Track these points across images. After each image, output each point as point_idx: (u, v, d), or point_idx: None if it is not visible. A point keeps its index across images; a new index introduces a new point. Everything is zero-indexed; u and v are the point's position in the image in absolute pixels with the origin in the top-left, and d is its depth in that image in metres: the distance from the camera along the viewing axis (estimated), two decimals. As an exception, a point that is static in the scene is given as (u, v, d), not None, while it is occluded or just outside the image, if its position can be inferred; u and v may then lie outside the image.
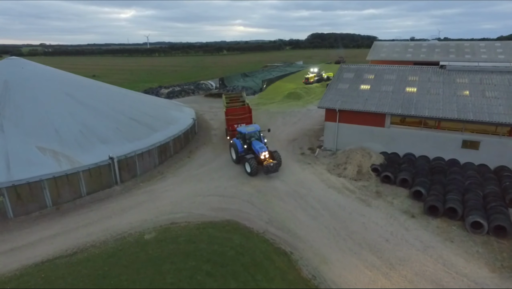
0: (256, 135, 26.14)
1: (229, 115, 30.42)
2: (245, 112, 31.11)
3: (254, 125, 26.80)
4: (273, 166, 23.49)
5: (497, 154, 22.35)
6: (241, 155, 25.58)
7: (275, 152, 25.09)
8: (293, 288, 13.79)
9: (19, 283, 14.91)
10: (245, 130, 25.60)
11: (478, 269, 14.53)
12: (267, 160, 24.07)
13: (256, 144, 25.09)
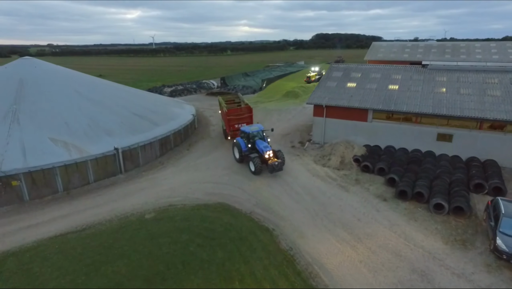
0: (260, 135, 26.21)
1: (231, 116, 30.28)
2: (246, 112, 31.05)
3: (258, 125, 26.95)
4: (278, 164, 23.78)
5: (468, 146, 24.34)
6: (245, 154, 25.80)
7: (278, 151, 25.36)
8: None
9: (36, 252, 17.29)
10: (249, 130, 25.75)
11: (433, 242, 16.60)
12: (272, 159, 24.27)
13: (260, 143, 25.24)
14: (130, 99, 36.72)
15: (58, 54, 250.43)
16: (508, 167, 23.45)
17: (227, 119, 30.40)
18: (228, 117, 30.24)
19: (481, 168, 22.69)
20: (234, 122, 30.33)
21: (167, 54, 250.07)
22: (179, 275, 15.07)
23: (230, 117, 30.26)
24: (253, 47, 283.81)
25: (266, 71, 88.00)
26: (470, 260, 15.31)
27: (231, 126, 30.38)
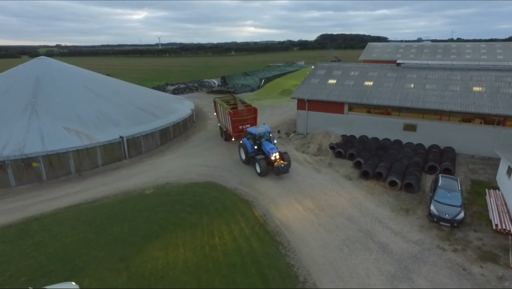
0: (266, 136, 26.10)
1: (236, 117, 29.79)
2: (251, 113, 30.72)
3: (264, 126, 26.70)
4: (284, 166, 23.70)
5: (430, 135, 27.54)
6: (251, 155, 25.76)
7: (285, 153, 25.16)
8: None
9: (55, 217, 20.96)
10: (256, 131, 25.57)
11: (382, 211, 19.91)
12: (278, 161, 24.22)
13: (266, 145, 25.19)
14: (135, 95, 40.48)
15: (66, 54, 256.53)
16: (463, 153, 26.61)
17: (232, 120, 29.65)
18: (233, 119, 29.60)
19: (439, 154, 25.88)
20: (239, 124, 30.01)
21: (172, 54, 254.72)
22: (171, 233, 18.59)
23: (235, 118, 29.67)
24: (257, 48, 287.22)
25: (265, 70, 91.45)
26: (408, 223, 18.61)
27: (235, 127, 30.06)
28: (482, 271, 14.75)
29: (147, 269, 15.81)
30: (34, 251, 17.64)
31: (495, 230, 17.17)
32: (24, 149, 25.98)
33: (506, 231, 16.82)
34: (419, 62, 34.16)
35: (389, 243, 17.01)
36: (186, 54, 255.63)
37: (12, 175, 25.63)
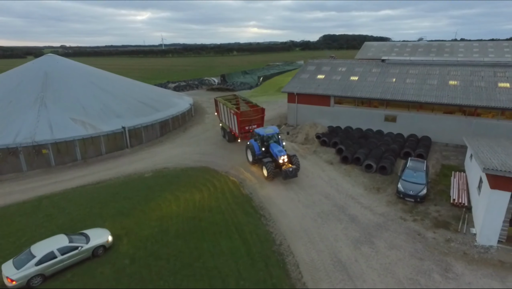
0: (275, 138, 25.00)
1: (243, 117, 28.74)
2: (258, 114, 29.70)
3: (273, 127, 25.76)
4: (292, 170, 22.55)
5: (409, 125, 29.66)
6: (258, 157, 24.97)
7: (293, 156, 23.89)
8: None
9: (63, 196, 23.35)
10: (264, 133, 24.46)
11: (357, 189, 22.12)
12: (286, 164, 23.16)
13: (274, 147, 24.08)
14: (136, 90, 42.94)
15: (71, 55, 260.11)
16: (439, 142, 28.72)
17: (239, 121, 28.63)
18: (240, 119, 28.59)
19: (415, 142, 28.01)
20: (246, 124, 29.10)
21: (175, 55, 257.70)
22: (167, 208, 20.91)
23: (242, 119, 28.68)
24: (259, 48, 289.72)
25: (264, 69, 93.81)
26: (377, 199, 20.81)
27: (242, 128, 29.14)
28: (434, 235, 16.93)
29: (144, 235, 18.16)
30: (46, 222, 20.06)
31: (452, 204, 19.33)
32: (34, 136, 28.45)
33: (461, 204, 18.97)
34: (402, 58, 36.25)
35: (358, 215, 19.21)
36: (189, 54, 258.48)
37: (24, 160, 28.08)
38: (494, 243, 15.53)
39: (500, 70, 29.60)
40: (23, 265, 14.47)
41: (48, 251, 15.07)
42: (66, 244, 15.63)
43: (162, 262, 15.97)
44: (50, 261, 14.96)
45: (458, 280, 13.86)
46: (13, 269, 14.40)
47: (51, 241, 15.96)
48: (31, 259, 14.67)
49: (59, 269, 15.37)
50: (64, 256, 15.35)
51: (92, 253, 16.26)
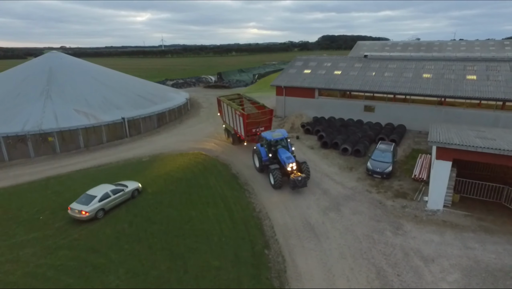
0: (284, 143, 23.14)
1: (250, 119, 27.22)
2: (266, 115, 28.20)
3: (281, 131, 23.98)
4: (301, 180, 20.42)
5: (386, 115, 32.18)
6: (265, 163, 22.94)
7: (303, 163, 21.94)
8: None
9: (68, 177, 25.88)
10: (271, 137, 22.55)
11: (332, 169, 24.64)
12: (295, 173, 21.07)
13: (282, 153, 22.09)
14: (135, 85, 45.53)
15: (71, 56, 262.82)
16: (413, 130, 31.24)
17: (245, 123, 27.06)
18: (247, 121, 27.02)
19: (391, 130, 30.53)
20: (252, 127, 27.59)
21: (175, 55, 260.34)
22: (161, 186, 23.42)
23: (249, 121, 27.12)
24: (257, 48, 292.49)
25: (260, 68, 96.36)
26: (349, 177, 23.35)
27: (248, 131, 27.55)
28: (393, 203, 19.47)
29: (141, 205, 20.71)
30: (53, 196, 22.60)
31: (413, 179, 21.87)
32: (41, 125, 30.99)
33: (421, 179, 21.50)
34: (383, 54, 38.79)
35: (330, 189, 21.72)
36: (188, 55, 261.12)
37: (32, 147, 30.61)
38: (440, 207, 18.05)
39: (470, 64, 32.14)
40: (89, 203, 19.07)
41: (104, 192, 19.95)
42: (115, 188, 20.69)
43: (156, 225, 18.50)
44: (107, 199, 19.81)
45: (405, 236, 16.38)
46: (83, 205, 18.96)
47: (101, 187, 20.66)
48: (93, 198, 19.37)
49: (112, 206, 20.23)
50: (115, 195, 20.40)
51: (131, 194, 21.46)
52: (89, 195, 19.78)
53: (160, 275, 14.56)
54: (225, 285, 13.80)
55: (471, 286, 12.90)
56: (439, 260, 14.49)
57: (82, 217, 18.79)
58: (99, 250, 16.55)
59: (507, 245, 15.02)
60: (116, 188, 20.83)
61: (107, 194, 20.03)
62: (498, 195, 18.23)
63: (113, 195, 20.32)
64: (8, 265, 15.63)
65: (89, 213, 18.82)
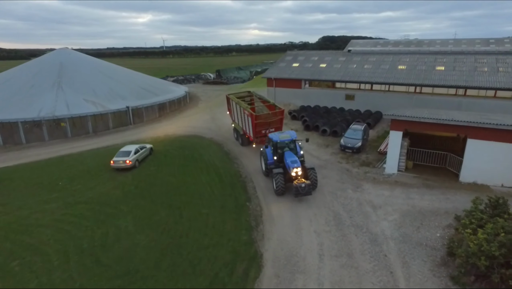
0: (291, 145, 21.52)
1: (260, 120, 25.99)
2: (277, 116, 26.91)
3: (290, 132, 22.33)
4: (304, 187, 18.46)
5: (365, 103, 35.65)
6: (270, 167, 21.30)
7: (311, 169, 20.06)
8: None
9: (79, 155, 29.50)
10: (277, 138, 21.11)
11: (311, 146, 28.08)
12: (299, 179, 19.15)
13: (288, 156, 20.46)
14: (138, 78, 49.25)
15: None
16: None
17: (254, 124, 25.75)
18: (256, 122, 25.71)
19: (368, 115, 33.99)
20: (262, 128, 26.13)
21: (176, 56, 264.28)
22: (161, 160, 26.98)
23: (258, 121, 25.80)
24: (258, 49, 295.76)
25: (258, 66, 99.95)
26: (325, 151, 26.85)
27: (257, 132, 26.13)
28: (358, 170, 22.95)
29: (145, 173, 24.27)
30: (68, 169, 26.20)
31: (378, 152, 25.35)
32: (54, 112, 34.65)
33: (385, 152, 24.95)
34: (365, 49, 42.30)
35: (307, 161, 25.20)
36: (189, 55, 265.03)
37: (46, 131, 34.26)
38: (395, 171, 21.52)
39: (440, 57, 35.60)
40: (127, 155, 25.13)
41: (135, 148, 26.08)
42: (138, 146, 26.74)
43: (157, 187, 22.06)
44: (138, 153, 26.00)
45: (362, 192, 19.86)
46: (125, 157, 24.94)
47: (129, 146, 26.77)
48: (130, 152, 25.32)
49: (141, 159, 26.39)
50: (141, 150, 26.60)
51: (149, 152, 27.79)
52: (125, 151, 25.70)
53: (160, 219, 18.11)
54: (212, 224, 17.33)
55: (404, 223, 16.37)
56: (385, 207, 17.97)
57: (126, 165, 24.71)
58: (111, 204, 20.13)
59: (440, 195, 18.49)
60: (140, 146, 27.04)
61: (137, 149, 26.18)
62: (443, 161, 21.67)
63: (140, 150, 26.50)
64: (38, 214, 19.23)
65: (131, 162, 24.85)
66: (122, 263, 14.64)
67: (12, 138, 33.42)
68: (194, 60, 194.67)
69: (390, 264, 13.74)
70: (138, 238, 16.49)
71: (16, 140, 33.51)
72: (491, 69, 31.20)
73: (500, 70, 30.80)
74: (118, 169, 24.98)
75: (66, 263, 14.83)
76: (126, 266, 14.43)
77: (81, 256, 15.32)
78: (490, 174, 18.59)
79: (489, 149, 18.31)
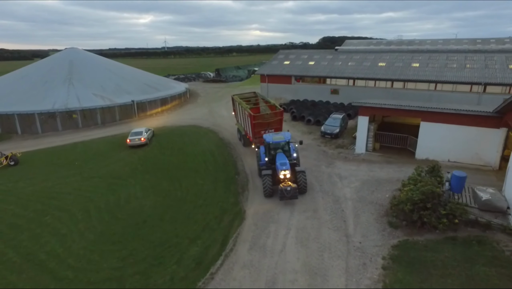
0: (285, 147, 21.27)
1: (258, 120, 25.38)
2: (276, 116, 26.32)
3: (284, 133, 21.92)
4: (290, 190, 18.16)
5: (348, 96, 39.18)
6: (262, 168, 21.05)
7: (301, 172, 19.64)
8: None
9: (91, 142, 33.23)
10: (270, 139, 20.90)
11: (296, 133, 31.70)
12: (286, 182, 18.87)
13: (279, 158, 20.35)
14: (142, 75, 53.05)
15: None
16: (369, 108, 38.23)
17: (253, 124, 25.38)
18: (254, 122, 25.26)
19: (350, 107, 37.55)
20: (261, 128, 25.47)
21: (177, 56, 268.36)
22: (164, 144, 30.66)
23: (256, 122, 25.30)
24: (258, 49, 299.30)
25: (256, 65, 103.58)
26: (308, 137, 30.42)
27: (256, 132, 25.47)
28: (333, 151, 26.57)
29: (149, 155, 27.95)
30: (82, 152, 29.96)
31: (353, 137, 28.93)
32: (67, 105, 38.40)
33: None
34: (350, 48, 45.88)
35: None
36: (190, 55, 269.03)
37: (60, 122, 38.01)
38: (363, 151, 25.13)
39: (416, 55, 39.19)
40: (141, 134, 30.65)
41: (144, 128, 32.02)
42: (145, 128, 32.50)
43: (160, 165, 25.77)
44: (147, 132, 31.75)
45: (333, 168, 23.46)
46: (139, 136, 30.52)
47: (138, 128, 32.58)
48: (141, 132, 31.08)
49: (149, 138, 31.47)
50: (149, 131, 32.44)
51: (152, 133, 33.12)
52: (137, 131, 31.36)
53: (163, 188, 21.79)
54: (206, 191, 21.01)
55: (363, 189, 19.98)
56: (350, 178, 21.59)
57: (141, 142, 30.28)
58: (121, 178, 23.82)
59: (396, 168, 22.12)
60: (145, 128, 32.51)
61: (146, 129, 32.17)
62: (405, 142, 25.25)
63: (148, 130, 32.45)
64: (61, 185, 22.97)
65: (145, 139, 30.50)
66: (133, 217, 18.33)
67: (29, 128, 37.19)
68: (195, 60, 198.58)
69: (345, 216, 17.36)
70: (145, 201, 20.19)
71: (33, 130, 37.28)
72: (459, 66, 34.75)
73: (467, 67, 34.34)
74: (133, 146, 30.27)
75: (88, 217, 18.55)
76: (136, 219, 18.12)
77: (100, 213, 19.04)
78: (439, 151, 22.17)
79: (437, 130, 21.91)
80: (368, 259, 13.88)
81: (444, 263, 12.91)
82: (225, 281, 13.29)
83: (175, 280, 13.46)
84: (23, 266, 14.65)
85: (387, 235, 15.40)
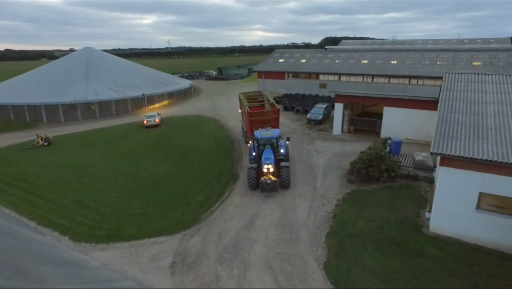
0: (274, 144, 22.18)
1: (254, 117, 26.07)
2: (272, 114, 26.98)
3: (273, 130, 23.05)
4: (269, 183, 19.24)
5: (335, 90, 44.00)
6: (250, 162, 22.08)
7: (284, 167, 20.64)
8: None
9: (109, 128, 38.43)
10: (259, 135, 22.17)
11: (286, 120, 36.66)
12: (267, 175, 19.89)
13: (265, 153, 21.28)
14: (150, 72, 58.35)
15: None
16: (352, 100, 43.16)
17: (249, 121, 26.17)
18: (251, 119, 26.02)
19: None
20: (257, 125, 25.86)
21: (181, 56, 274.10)
22: (171, 131, 35.79)
23: (252, 118, 26.03)
24: (260, 50, 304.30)
25: (257, 64, 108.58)
26: (295, 124, 35.44)
27: (254, 129, 25.51)
28: (315, 134, 31.55)
29: (160, 137, 33.10)
30: (103, 136, 35.14)
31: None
32: (86, 97, 43.66)
33: (338, 122, 33.50)
34: (339, 47, 50.79)
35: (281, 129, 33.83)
36: (193, 56, 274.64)
37: (80, 113, 43.27)
38: (339, 133, 30.11)
39: (395, 53, 44.08)
40: (155, 117, 38.16)
41: (156, 113, 39.34)
42: (156, 112, 39.64)
43: (170, 144, 30.89)
44: (159, 116, 38.80)
45: (313, 145, 28.43)
46: (154, 118, 37.68)
47: (150, 113, 39.70)
48: (155, 115, 38.41)
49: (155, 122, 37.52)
50: (159, 115, 39.00)
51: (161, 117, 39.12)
52: (151, 114, 38.62)
53: (173, 160, 26.92)
54: (208, 161, 26.15)
55: (333, 159, 24.96)
56: (325, 152, 26.58)
57: (156, 123, 37.37)
58: (138, 153, 29.00)
59: (363, 144, 26.91)
60: (157, 112, 39.57)
61: (158, 113, 39.15)
62: (375, 126, 30.17)
63: (159, 115, 38.89)
64: (90, 159, 28.16)
65: (159, 120, 37.68)
66: (150, 179, 23.49)
67: (54, 118, 42.46)
68: (198, 60, 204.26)
69: (315, 176, 22.38)
70: (159, 168, 25.35)
71: (56, 119, 42.54)
72: (431, 63, 39.62)
73: (438, 64, 39.19)
74: (149, 126, 37.15)
75: (116, 179, 23.73)
76: (153, 180, 23.28)
77: (124, 176, 24.21)
78: (398, 131, 27.03)
79: (396, 113, 26.85)
80: (326, 201, 18.92)
81: (377, 200, 17.96)
82: (222, 215, 18.37)
83: (185, 214, 18.59)
84: (73, 206, 19.83)
85: (344, 187, 20.43)
